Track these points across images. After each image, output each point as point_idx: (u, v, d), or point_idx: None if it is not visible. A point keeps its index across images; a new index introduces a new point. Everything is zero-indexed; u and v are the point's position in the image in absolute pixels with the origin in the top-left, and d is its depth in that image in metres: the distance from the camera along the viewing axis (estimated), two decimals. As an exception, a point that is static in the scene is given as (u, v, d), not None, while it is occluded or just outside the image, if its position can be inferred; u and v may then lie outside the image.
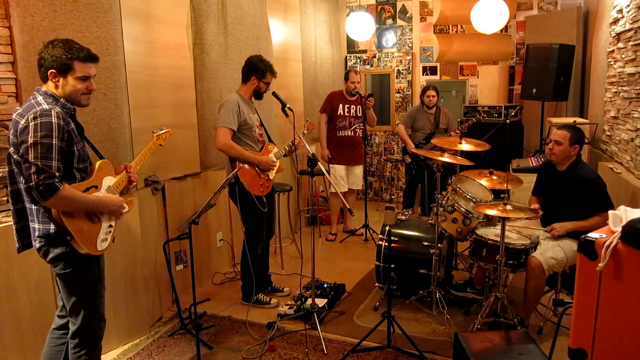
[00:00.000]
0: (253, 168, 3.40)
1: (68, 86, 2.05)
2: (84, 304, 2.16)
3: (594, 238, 1.45)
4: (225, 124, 3.28)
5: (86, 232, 2.07)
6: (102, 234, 2.15)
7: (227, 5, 4.00)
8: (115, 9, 2.91)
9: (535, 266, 2.89)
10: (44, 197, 1.87)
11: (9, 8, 2.44)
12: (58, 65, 2.02)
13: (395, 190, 6.70)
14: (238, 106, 3.32)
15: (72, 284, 2.14)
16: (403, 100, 6.50)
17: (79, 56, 2.05)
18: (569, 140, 2.99)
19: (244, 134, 3.40)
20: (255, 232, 3.51)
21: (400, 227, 3.63)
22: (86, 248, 2.05)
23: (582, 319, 1.49)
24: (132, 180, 2.37)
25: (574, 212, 3.00)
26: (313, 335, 3.16)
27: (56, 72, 2.03)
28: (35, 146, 1.88)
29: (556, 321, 3.03)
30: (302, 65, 5.62)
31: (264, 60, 3.44)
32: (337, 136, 5.01)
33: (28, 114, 1.93)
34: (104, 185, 2.21)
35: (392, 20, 6.44)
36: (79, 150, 2.09)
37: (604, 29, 4.30)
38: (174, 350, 3.07)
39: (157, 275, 3.46)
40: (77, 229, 2.03)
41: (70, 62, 2.03)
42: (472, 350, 2.12)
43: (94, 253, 2.10)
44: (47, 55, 2.02)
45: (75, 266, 2.11)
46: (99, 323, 2.26)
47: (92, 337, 2.22)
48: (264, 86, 3.47)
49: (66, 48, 2.03)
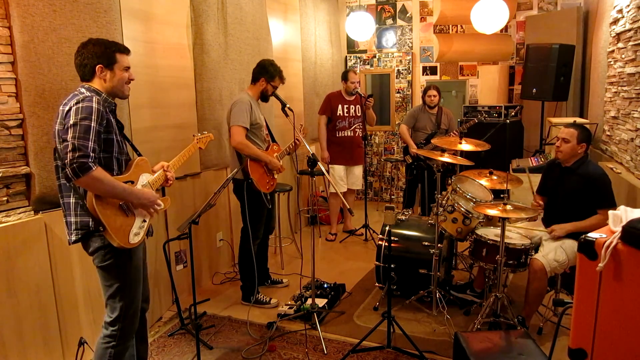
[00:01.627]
0: (262, 166, 3.50)
1: (116, 77, 2.19)
2: (120, 295, 2.20)
3: (594, 238, 1.45)
4: (240, 122, 3.37)
5: (119, 224, 2.11)
6: (135, 228, 2.19)
7: (227, 5, 4.00)
8: (115, 9, 2.91)
9: (538, 269, 2.89)
10: (76, 175, 1.93)
11: (9, 8, 2.44)
12: (105, 59, 2.15)
13: (395, 190, 6.70)
14: (250, 105, 3.43)
15: (109, 276, 2.19)
16: (403, 100, 6.50)
17: (119, 48, 2.21)
18: (577, 138, 2.99)
19: (254, 134, 3.50)
20: (255, 228, 3.58)
21: (400, 227, 3.63)
22: (118, 240, 2.09)
23: (582, 319, 1.49)
24: (168, 179, 2.42)
25: (577, 208, 2.99)
26: (313, 335, 3.16)
27: (103, 67, 2.15)
28: (75, 127, 1.96)
29: (556, 321, 3.03)
30: (302, 65, 5.62)
31: (275, 65, 3.57)
32: (337, 137, 5.01)
33: (71, 101, 2.03)
34: (140, 181, 2.26)
35: (392, 20, 6.44)
36: (118, 142, 2.16)
37: (604, 29, 4.30)
38: (174, 350, 3.07)
39: (157, 275, 3.46)
40: (110, 220, 2.08)
41: (114, 54, 2.17)
42: (472, 350, 2.12)
43: (126, 246, 2.13)
44: (89, 54, 2.14)
45: (112, 259, 2.15)
46: (134, 317, 2.29)
47: (125, 330, 2.25)
48: (271, 89, 3.56)
49: (105, 44, 2.17)
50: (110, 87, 2.19)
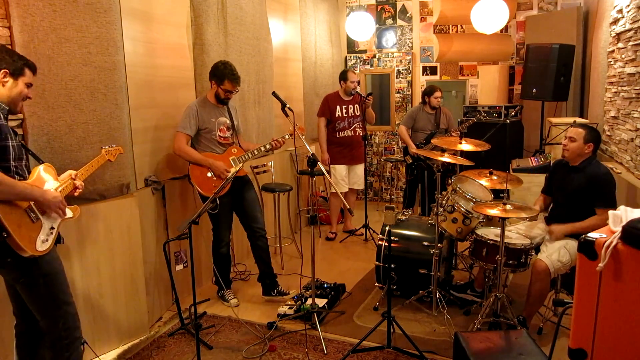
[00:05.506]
0: (207, 170, 3.47)
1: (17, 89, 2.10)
2: (52, 307, 2.15)
3: (594, 238, 1.45)
4: (180, 129, 3.42)
5: (25, 229, 2.01)
6: (43, 235, 2.10)
7: (227, 5, 4.00)
8: (115, 9, 2.91)
9: (542, 270, 2.88)
10: None
11: (9, 8, 2.45)
12: (12, 67, 2.08)
13: (395, 190, 6.70)
14: (196, 111, 3.43)
15: (35, 291, 2.11)
16: (403, 100, 6.50)
17: (29, 65, 2.15)
18: (583, 138, 2.99)
19: (203, 137, 3.50)
20: (215, 232, 3.62)
21: (400, 227, 3.63)
22: (24, 247, 1.98)
23: (582, 319, 1.49)
24: (76, 187, 2.33)
25: (580, 207, 2.99)
26: (313, 335, 3.16)
27: (8, 73, 2.07)
28: None
29: (556, 321, 3.03)
30: (302, 65, 5.62)
31: (228, 66, 3.42)
32: (338, 137, 5.00)
33: None
34: (46, 187, 2.18)
35: (392, 20, 6.44)
36: (13, 148, 2.05)
37: (604, 29, 4.30)
38: (174, 350, 3.07)
39: (157, 275, 3.46)
40: (15, 226, 1.96)
41: (23, 68, 2.11)
42: (472, 350, 2.12)
43: (34, 253, 2.04)
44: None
45: (23, 276, 2.06)
46: (75, 322, 2.25)
47: (70, 342, 2.22)
48: (223, 92, 3.46)
49: (18, 55, 2.13)
50: (7, 97, 2.08)
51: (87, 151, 2.77)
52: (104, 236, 2.95)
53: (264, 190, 4.46)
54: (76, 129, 2.74)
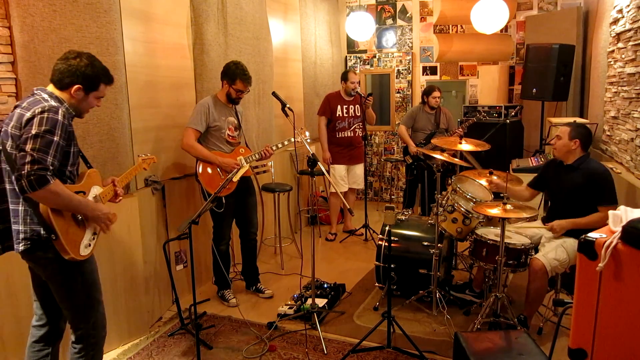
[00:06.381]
0: (214, 168, 3.47)
1: (86, 102, 2.16)
2: (85, 306, 2.17)
3: (594, 238, 1.45)
4: (191, 125, 3.43)
5: (71, 234, 2.05)
6: (86, 239, 2.13)
7: (227, 5, 4.00)
8: (115, 9, 2.91)
9: (539, 269, 2.89)
10: (33, 188, 1.85)
11: (9, 8, 2.44)
12: (87, 84, 2.12)
13: (395, 190, 6.70)
14: (208, 108, 3.45)
15: (72, 289, 2.13)
16: (403, 100, 6.50)
17: (107, 80, 2.19)
18: (569, 135, 3.03)
19: (213, 135, 3.50)
20: (217, 230, 3.62)
21: (400, 227, 3.63)
22: (69, 250, 2.02)
23: (582, 319, 1.49)
24: (117, 195, 2.36)
25: (579, 205, 3.00)
26: (313, 335, 3.16)
27: (81, 89, 2.11)
28: (36, 138, 1.89)
29: (556, 321, 3.03)
30: (302, 65, 5.62)
31: (240, 67, 3.47)
32: (338, 137, 5.00)
33: (35, 108, 1.95)
34: (91, 192, 2.21)
35: (392, 20, 6.44)
36: (73, 154, 2.10)
37: (604, 29, 4.30)
38: (174, 350, 3.07)
39: (157, 275, 3.46)
40: (64, 229, 2.01)
41: (99, 84, 2.15)
42: (472, 350, 2.12)
43: (77, 257, 2.07)
44: (78, 71, 2.08)
45: (61, 273, 2.08)
46: (104, 321, 2.28)
47: (97, 341, 2.25)
48: (234, 92, 3.50)
49: (99, 70, 2.14)
50: (75, 105, 2.13)
51: (87, 151, 2.77)
52: (104, 236, 2.93)
53: (264, 190, 4.46)
54: (76, 129, 2.72)
